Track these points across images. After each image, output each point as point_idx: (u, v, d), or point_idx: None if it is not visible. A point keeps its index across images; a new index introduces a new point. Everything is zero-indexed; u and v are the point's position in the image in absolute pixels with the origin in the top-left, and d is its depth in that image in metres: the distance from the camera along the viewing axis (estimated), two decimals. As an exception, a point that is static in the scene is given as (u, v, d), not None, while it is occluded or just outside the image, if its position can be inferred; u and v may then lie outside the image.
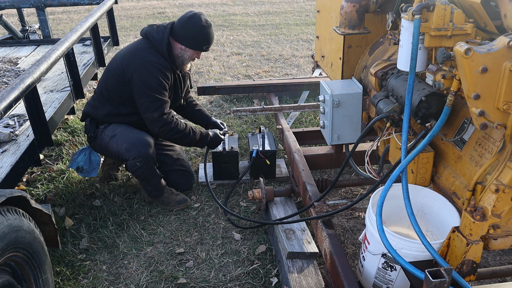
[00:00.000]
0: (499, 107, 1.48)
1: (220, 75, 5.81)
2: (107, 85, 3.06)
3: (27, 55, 4.27)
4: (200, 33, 2.92)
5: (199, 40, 2.95)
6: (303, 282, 2.30)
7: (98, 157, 3.27)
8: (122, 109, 3.07)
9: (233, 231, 2.97)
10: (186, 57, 3.00)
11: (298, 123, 4.42)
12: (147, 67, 2.89)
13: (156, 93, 2.91)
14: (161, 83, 2.92)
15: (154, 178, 3.08)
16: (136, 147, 2.94)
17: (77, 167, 3.23)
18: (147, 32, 2.97)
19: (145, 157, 2.95)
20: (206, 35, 2.94)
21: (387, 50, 2.51)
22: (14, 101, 2.17)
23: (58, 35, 7.67)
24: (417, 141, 1.94)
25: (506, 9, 1.67)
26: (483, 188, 1.63)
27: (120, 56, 3.02)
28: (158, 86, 2.91)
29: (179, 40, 2.94)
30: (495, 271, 2.11)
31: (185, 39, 2.93)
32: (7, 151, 2.54)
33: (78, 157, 3.25)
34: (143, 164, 2.96)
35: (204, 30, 2.93)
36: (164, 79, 2.93)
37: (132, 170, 3.01)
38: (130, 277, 2.62)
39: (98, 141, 3.12)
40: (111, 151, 3.05)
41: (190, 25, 2.90)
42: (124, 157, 2.99)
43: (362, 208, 2.51)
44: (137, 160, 2.94)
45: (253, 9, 9.68)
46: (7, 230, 1.76)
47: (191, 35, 2.92)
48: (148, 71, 2.89)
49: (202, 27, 2.91)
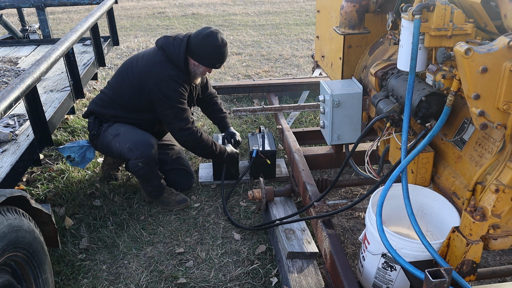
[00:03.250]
0: (499, 107, 1.48)
1: (220, 75, 5.81)
2: (121, 94, 3.08)
3: (27, 55, 4.27)
4: (215, 53, 2.96)
5: (213, 60, 2.99)
6: (303, 282, 2.30)
7: (93, 155, 3.27)
8: (134, 115, 3.11)
9: (233, 231, 2.97)
10: (198, 72, 3.05)
11: (298, 123, 4.42)
12: (167, 81, 2.94)
13: (179, 104, 2.98)
14: (181, 95, 2.99)
15: (154, 178, 3.08)
16: (139, 148, 2.95)
17: (68, 156, 3.22)
18: (164, 45, 3.00)
19: (148, 158, 2.95)
20: (220, 55, 2.98)
21: (387, 50, 2.51)
22: (14, 101, 2.17)
23: (58, 35, 7.67)
24: (417, 141, 1.94)
25: (506, 9, 1.67)
26: (483, 188, 1.63)
27: (137, 69, 3.03)
28: (179, 98, 2.98)
29: (194, 57, 2.98)
30: (495, 271, 2.11)
31: (200, 57, 2.98)
32: (7, 151, 2.54)
33: (74, 148, 3.23)
34: (145, 165, 2.96)
35: (220, 50, 2.96)
36: (183, 90, 3.01)
37: (133, 170, 3.01)
38: (130, 277, 2.62)
39: (101, 139, 3.12)
40: (113, 150, 3.06)
41: (206, 44, 2.92)
42: (126, 157, 2.99)
43: (362, 208, 2.51)
44: (139, 160, 2.95)
45: (253, 9, 9.68)
46: (7, 230, 1.76)
47: (206, 55, 2.96)
48: (169, 85, 2.94)
49: (218, 47, 2.94)
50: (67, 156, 3.22)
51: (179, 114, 2.99)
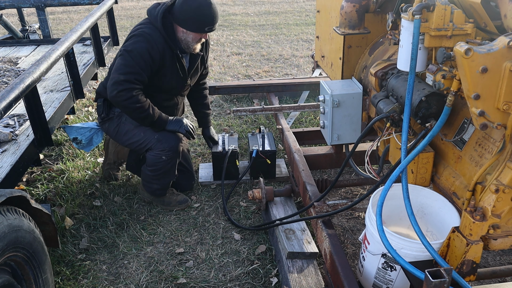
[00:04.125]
0: (499, 107, 1.48)
1: (220, 75, 5.81)
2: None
3: (27, 55, 4.27)
4: (199, 15, 2.72)
5: (199, 22, 2.76)
6: (303, 282, 2.30)
7: (100, 140, 3.25)
8: None
9: (233, 231, 2.97)
10: (189, 40, 2.84)
11: (298, 123, 4.42)
12: (137, 36, 2.79)
13: (134, 59, 2.74)
14: (144, 54, 2.75)
15: (168, 176, 3.05)
16: (168, 141, 2.91)
17: (75, 138, 3.19)
18: (148, 9, 2.90)
19: (174, 152, 2.93)
20: (205, 17, 2.73)
21: (387, 50, 2.51)
22: (14, 101, 2.17)
23: (58, 35, 7.67)
24: (417, 141, 1.94)
25: (506, 9, 1.67)
26: (483, 188, 1.63)
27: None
28: (139, 54, 2.74)
29: (179, 23, 2.79)
30: (495, 271, 2.11)
31: (184, 23, 2.77)
32: (7, 151, 2.54)
33: (82, 129, 3.20)
34: (169, 159, 2.94)
35: (203, 11, 2.71)
36: (150, 52, 2.77)
37: (152, 163, 2.96)
38: (130, 277, 2.62)
39: (115, 124, 3.03)
40: (133, 137, 2.97)
41: (187, 6, 2.71)
42: (149, 147, 2.93)
43: (362, 208, 2.51)
44: (165, 153, 2.91)
45: (253, 9, 9.68)
46: (7, 230, 1.76)
47: (189, 19, 2.75)
48: (137, 40, 2.77)
49: (199, 8, 2.70)
50: (74, 138, 3.19)
51: (125, 68, 2.73)
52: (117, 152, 3.44)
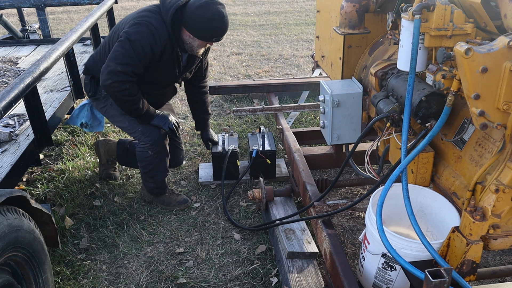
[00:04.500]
0: (499, 107, 1.48)
1: (220, 75, 5.81)
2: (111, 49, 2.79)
3: (27, 54, 4.27)
4: (210, 26, 2.66)
5: (208, 33, 2.71)
6: (303, 282, 2.30)
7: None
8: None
9: (233, 231, 2.97)
10: (194, 45, 2.79)
11: (298, 123, 4.42)
12: (143, 26, 2.66)
13: (135, 50, 2.64)
14: (145, 47, 2.66)
15: (160, 173, 3.04)
16: (151, 134, 2.90)
17: (81, 123, 3.19)
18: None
19: (158, 145, 2.91)
20: (215, 28, 2.68)
21: (387, 50, 2.51)
22: (14, 101, 2.17)
23: (58, 35, 7.67)
24: (417, 141, 1.94)
25: (506, 9, 1.67)
26: (483, 188, 1.63)
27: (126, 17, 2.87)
28: (141, 46, 2.65)
29: (188, 28, 2.71)
30: (495, 271, 2.11)
31: (193, 29, 2.70)
32: (7, 151, 2.54)
33: (80, 113, 3.19)
34: (155, 153, 2.93)
35: (214, 23, 2.65)
36: (152, 46, 2.68)
37: (140, 158, 2.96)
38: (130, 277, 2.62)
39: (102, 104, 2.99)
40: (119, 123, 2.98)
41: (199, 16, 2.63)
42: (134, 136, 2.94)
43: (362, 208, 2.51)
44: (149, 147, 2.91)
45: (253, 9, 9.68)
46: (7, 230, 1.76)
47: (198, 27, 2.68)
48: (142, 30, 2.65)
49: (211, 20, 2.63)
50: (81, 124, 3.20)
51: (124, 58, 2.62)
52: (106, 151, 3.43)
